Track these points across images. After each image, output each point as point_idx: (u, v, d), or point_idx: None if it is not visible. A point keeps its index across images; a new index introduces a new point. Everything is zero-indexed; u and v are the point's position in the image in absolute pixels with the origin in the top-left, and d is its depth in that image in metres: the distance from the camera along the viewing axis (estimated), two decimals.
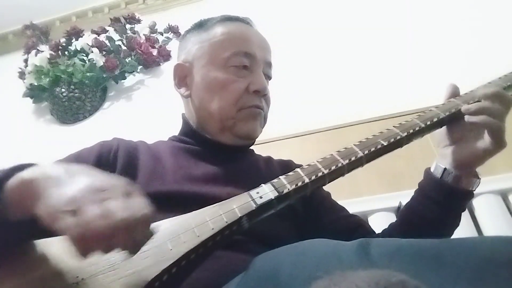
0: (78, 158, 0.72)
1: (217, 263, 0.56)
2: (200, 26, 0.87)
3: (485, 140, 0.65)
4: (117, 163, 0.73)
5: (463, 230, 1.09)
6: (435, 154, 0.75)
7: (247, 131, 0.80)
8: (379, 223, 1.16)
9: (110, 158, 0.74)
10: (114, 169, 0.72)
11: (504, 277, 0.35)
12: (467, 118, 0.66)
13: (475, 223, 1.12)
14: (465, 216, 1.12)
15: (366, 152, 0.60)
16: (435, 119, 0.65)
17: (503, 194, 1.15)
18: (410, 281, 0.29)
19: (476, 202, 1.14)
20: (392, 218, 1.17)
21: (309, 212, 0.81)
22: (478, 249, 0.38)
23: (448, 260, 0.37)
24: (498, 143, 0.64)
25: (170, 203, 0.66)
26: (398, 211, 1.19)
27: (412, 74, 1.56)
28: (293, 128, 1.52)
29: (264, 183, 0.57)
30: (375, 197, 1.20)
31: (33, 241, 0.51)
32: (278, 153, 0.94)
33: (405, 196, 1.18)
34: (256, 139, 0.86)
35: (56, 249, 0.50)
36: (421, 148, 0.70)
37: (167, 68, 2.00)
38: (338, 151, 0.60)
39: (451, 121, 0.67)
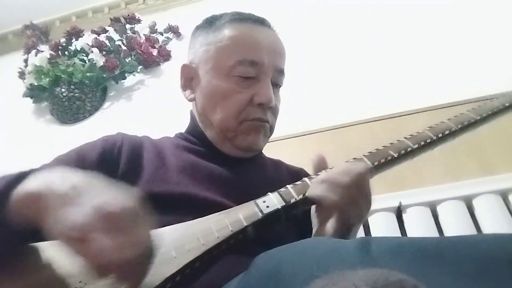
0: (81, 153, 0.71)
1: (218, 264, 0.56)
2: (210, 24, 0.82)
3: (332, 220, 0.58)
4: (121, 159, 0.72)
5: (464, 230, 1.09)
6: (435, 155, 0.74)
7: (247, 144, 0.76)
8: (379, 223, 1.16)
9: (114, 154, 0.72)
10: (118, 165, 0.71)
11: (505, 275, 0.34)
12: (307, 193, 0.60)
13: (475, 223, 1.12)
14: (465, 216, 1.12)
15: (376, 163, 0.60)
16: (447, 132, 0.63)
17: (503, 194, 1.15)
18: (409, 280, 0.29)
19: (476, 202, 1.15)
20: (392, 218, 1.17)
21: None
22: (479, 247, 0.38)
23: (448, 258, 0.37)
24: (339, 221, 0.58)
25: (172, 204, 0.65)
26: (398, 211, 1.19)
27: (412, 74, 1.56)
28: (293, 128, 1.52)
29: (270, 188, 0.56)
30: (375, 197, 1.20)
31: (36, 244, 0.51)
32: (278, 153, 0.94)
33: (405, 196, 1.19)
34: None
35: (59, 253, 0.49)
36: None
37: (167, 68, 2.01)
38: (347, 162, 0.60)
39: (463, 132, 0.65)
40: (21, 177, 0.48)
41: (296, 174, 0.84)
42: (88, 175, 0.46)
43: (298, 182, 0.57)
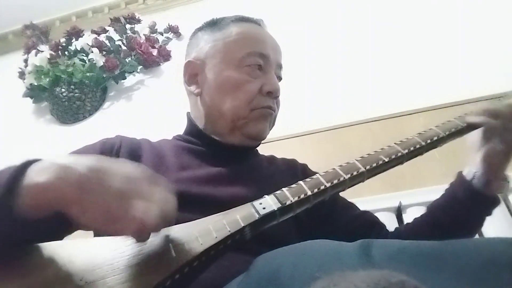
0: None
1: (218, 263, 0.56)
2: (214, 24, 0.86)
3: (495, 141, 0.68)
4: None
5: None
6: (435, 155, 0.75)
7: (257, 131, 0.80)
8: None
9: (113, 156, 0.73)
10: None
11: (506, 279, 0.34)
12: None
13: None
14: None
15: (368, 167, 0.61)
16: (435, 138, 0.67)
17: (503, 195, 1.15)
18: (410, 282, 0.29)
19: None
20: (392, 218, 1.17)
21: (321, 214, 0.81)
22: (479, 251, 0.38)
23: (449, 262, 0.37)
24: (504, 143, 0.67)
25: None
26: (398, 211, 1.19)
27: (412, 74, 1.57)
28: (293, 128, 1.52)
29: (268, 184, 0.57)
30: (375, 197, 1.20)
31: (38, 244, 0.51)
32: (278, 153, 0.94)
33: (405, 196, 1.18)
34: None
35: (60, 252, 0.50)
36: None
37: (167, 68, 2.01)
38: (341, 166, 0.62)
39: (451, 138, 0.69)
40: (25, 167, 0.46)
41: (291, 164, 0.89)
42: (94, 156, 0.48)
43: (293, 185, 0.58)
